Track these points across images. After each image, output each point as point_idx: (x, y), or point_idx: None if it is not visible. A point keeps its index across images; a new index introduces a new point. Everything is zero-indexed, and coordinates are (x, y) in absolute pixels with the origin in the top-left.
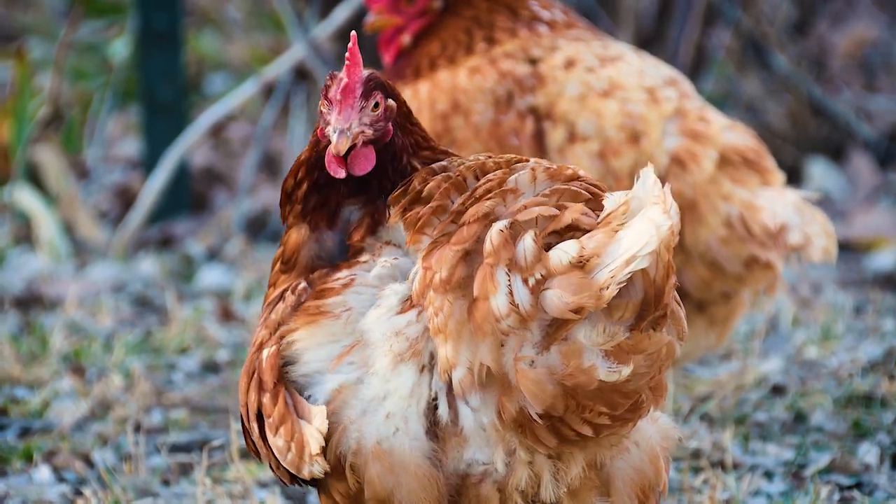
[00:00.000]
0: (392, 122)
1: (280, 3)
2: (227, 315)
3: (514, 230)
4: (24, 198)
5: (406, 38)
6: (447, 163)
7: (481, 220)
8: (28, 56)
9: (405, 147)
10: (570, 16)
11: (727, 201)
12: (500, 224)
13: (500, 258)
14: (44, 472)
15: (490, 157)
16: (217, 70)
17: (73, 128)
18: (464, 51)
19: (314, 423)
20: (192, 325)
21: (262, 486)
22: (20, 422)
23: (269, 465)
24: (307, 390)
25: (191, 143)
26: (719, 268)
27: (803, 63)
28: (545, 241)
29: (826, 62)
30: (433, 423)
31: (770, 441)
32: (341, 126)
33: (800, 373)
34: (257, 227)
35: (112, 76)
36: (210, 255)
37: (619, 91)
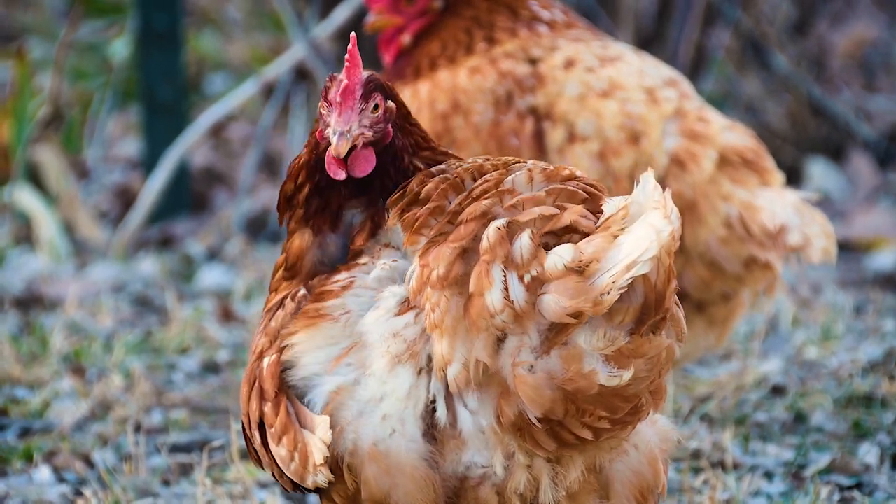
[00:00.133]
0: (392, 124)
1: (280, 3)
2: (227, 315)
3: (512, 229)
4: (24, 198)
5: (406, 38)
6: (445, 165)
7: (479, 218)
8: (28, 56)
9: (405, 147)
10: (569, 16)
11: (727, 201)
12: (498, 222)
13: (496, 255)
14: (44, 473)
15: (488, 160)
16: (217, 70)
17: (73, 128)
18: (464, 51)
19: (317, 433)
20: (193, 326)
21: (262, 486)
22: (20, 422)
23: (272, 473)
24: (306, 394)
25: (191, 143)
26: (719, 268)
27: (803, 63)
28: (542, 240)
29: (826, 62)
30: (431, 426)
31: (770, 441)
32: (341, 128)
33: (800, 373)
34: (257, 227)
35: (112, 76)
36: (210, 255)
37: (618, 91)
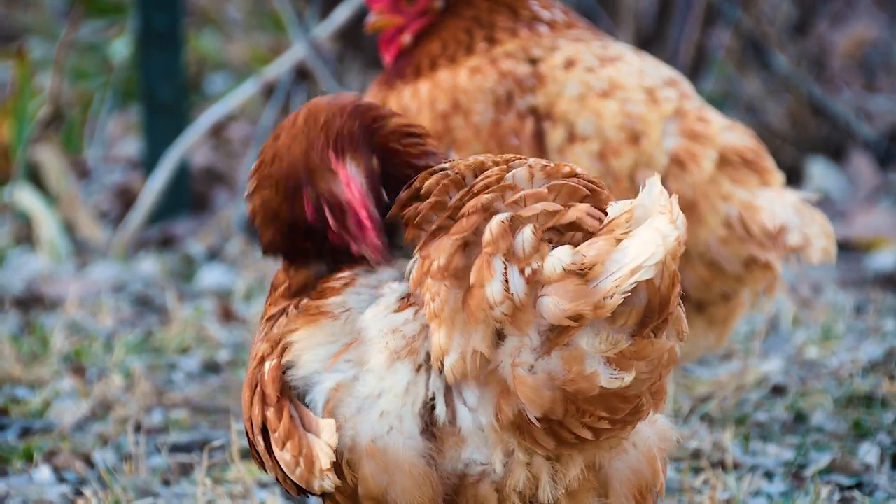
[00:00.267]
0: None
1: (280, 3)
2: (227, 315)
3: (515, 223)
4: (24, 198)
5: (407, 38)
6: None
7: (480, 211)
8: (28, 56)
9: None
10: (570, 16)
11: (727, 201)
12: (502, 216)
13: (498, 248)
14: (44, 472)
15: (489, 157)
16: (217, 70)
17: (73, 128)
18: (464, 50)
19: (323, 437)
20: (193, 325)
21: (263, 486)
22: (21, 422)
23: (276, 477)
24: (308, 393)
25: (191, 143)
26: (719, 268)
27: (803, 63)
28: (546, 235)
29: (826, 62)
30: (430, 423)
31: (770, 441)
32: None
33: (800, 373)
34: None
35: (112, 76)
36: (210, 255)
37: (618, 91)
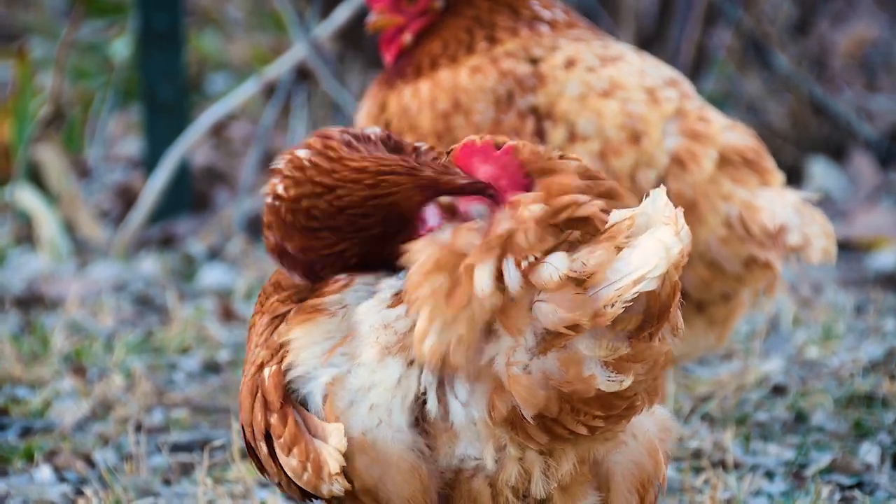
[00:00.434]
0: None
1: (281, 3)
2: (228, 314)
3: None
4: (25, 197)
5: (407, 38)
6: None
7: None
8: (29, 55)
9: None
10: (571, 15)
11: (727, 201)
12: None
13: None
14: (45, 472)
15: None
16: (218, 70)
17: (74, 127)
18: (465, 50)
19: (331, 442)
20: (194, 325)
21: (263, 486)
22: (21, 421)
23: (278, 482)
24: (306, 391)
25: (192, 142)
26: (719, 268)
27: (804, 63)
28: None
29: (827, 62)
30: (422, 418)
31: (771, 441)
32: None
33: (801, 373)
34: (258, 227)
35: (113, 76)
36: (211, 255)
37: (619, 91)
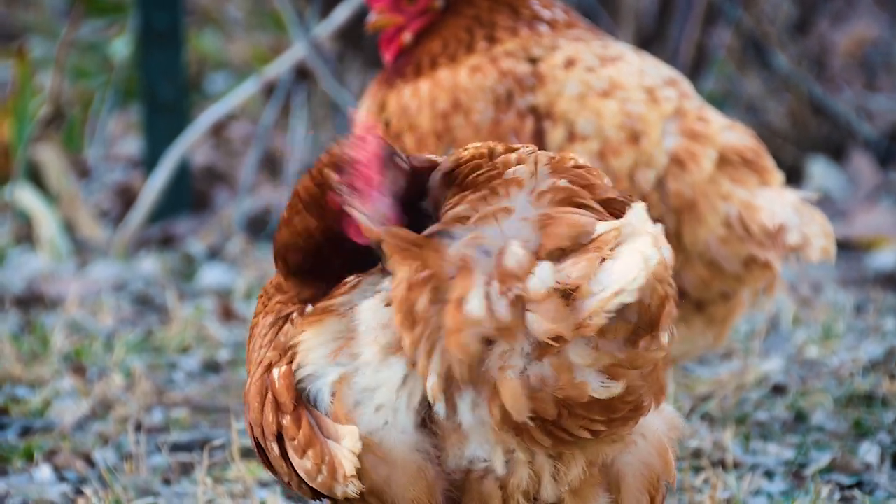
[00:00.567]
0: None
1: (281, 3)
2: (228, 314)
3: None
4: (24, 197)
5: (407, 37)
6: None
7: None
8: (29, 55)
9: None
10: (570, 15)
11: (726, 201)
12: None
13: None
14: (45, 472)
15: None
16: (218, 69)
17: (73, 127)
18: (465, 49)
19: (345, 444)
20: (193, 325)
21: (263, 485)
22: (21, 421)
23: (288, 483)
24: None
25: (192, 142)
26: (718, 267)
27: (804, 62)
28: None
29: (827, 61)
30: (429, 419)
31: (771, 440)
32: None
33: (800, 372)
34: (258, 226)
35: (113, 75)
36: (211, 254)
37: (618, 91)
